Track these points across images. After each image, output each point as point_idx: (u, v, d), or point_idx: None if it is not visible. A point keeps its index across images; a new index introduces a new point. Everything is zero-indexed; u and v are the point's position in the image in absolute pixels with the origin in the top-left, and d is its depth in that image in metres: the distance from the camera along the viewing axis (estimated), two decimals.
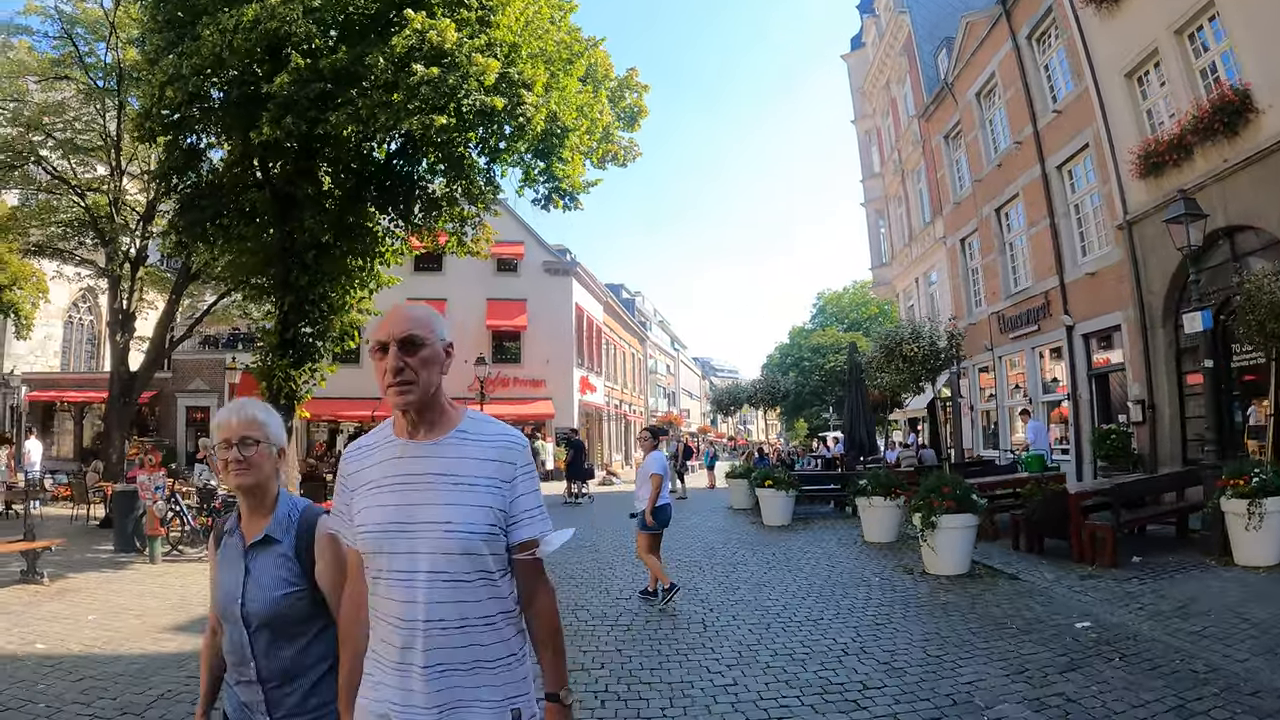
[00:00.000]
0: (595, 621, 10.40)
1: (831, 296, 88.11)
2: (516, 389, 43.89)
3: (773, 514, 20.54)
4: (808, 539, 17.78)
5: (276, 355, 20.01)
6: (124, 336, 27.99)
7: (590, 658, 8.71)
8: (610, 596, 12.07)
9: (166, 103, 17.01)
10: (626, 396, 64.17)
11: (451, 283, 44.86)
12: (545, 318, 44.87)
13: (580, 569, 14.65)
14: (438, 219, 21.29)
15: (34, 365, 52.41)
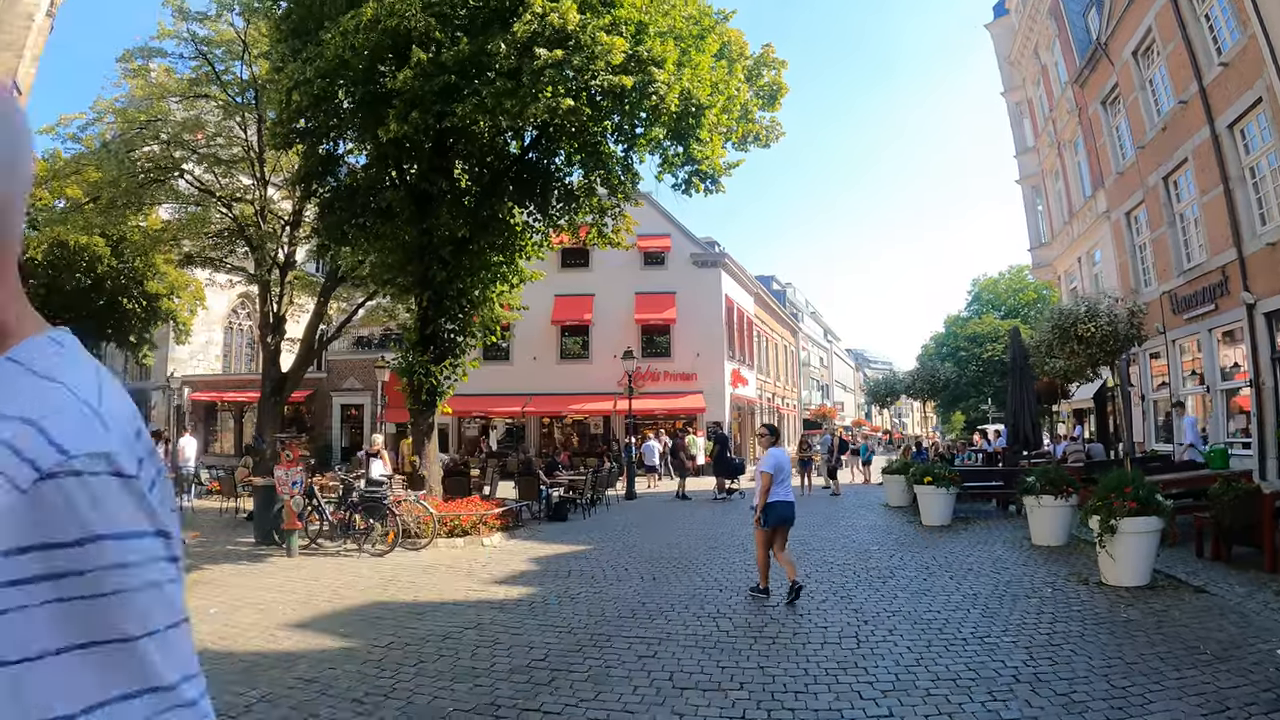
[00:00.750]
0: (738, 632, 9.58)
1: (987, 283, 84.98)
2: (666, 383, 43.24)
3: (932, 513, 19.28)
4: (970, 541, 16.55)
5: (417, 352, 19.98)
6: (274, 339, 28.61)
7: (728, 675, 7.94)
8: (756, 603, 11.19)
9: (294, 107, 17.17)
10: (779, 390, 62.99)
11: (599, 278, 44.72)
12: (695, 311, 43.95)
13: (725, 572, 13.77)
14: (577, 211, 20.94)
15: (196, 369, 54.77)
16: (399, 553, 16.06)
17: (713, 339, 44.15)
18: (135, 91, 27.47)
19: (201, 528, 20.66)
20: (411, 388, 20.05)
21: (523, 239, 21.49)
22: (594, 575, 13.57)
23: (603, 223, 21.59)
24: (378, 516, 16.71)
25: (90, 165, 27.74)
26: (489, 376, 41.09)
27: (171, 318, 42.89)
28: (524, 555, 16.00)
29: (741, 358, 49.10)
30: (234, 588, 12.97)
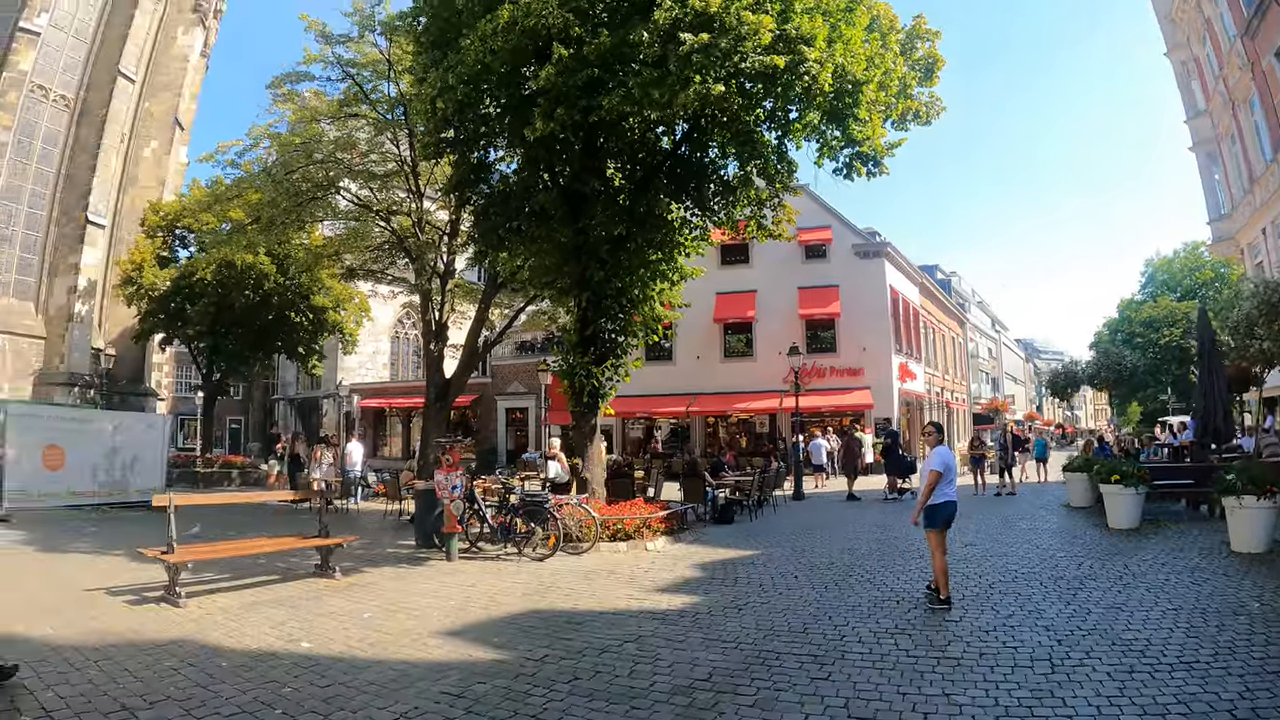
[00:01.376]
0: (919, 651, 8.76)
1: (1161, 263, 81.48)
2: (833, 379, 42.33)
3: (1119, 514, 17.82)
4: (1163, 546, 15.19)
5: (577, 354, 19.86)
6: (437, 346, 28.95)
7: (910, 703, 7.16)
8: (938, 615, 10.43)
9: (440, 115, 17.34)
10: (948, 383, 61.04)
11: (760, 274, 44.23)
12: (859, 303, 42.79)
13: (902, 579, 13.02)
14: (735, 204, 20.36)
15: (364, 377, 57.09)
16: (560, 557, 15.79)
17: (878, 332, 42.94)
18: (290, 116, 28.29)
19: (364, 530, 20.97)
20: (573, 390, 19.85)
21: (681, 235, 21.03)
22: (762, 583, 12.93)
23: (761, 215, 20.89)
24: (539, 520, 16.49)
25: (250, 188, 28.58)
26: (652, 377, 41.28)
27: (338, 329, 44.20)
28: (688, 560, 15.48)
29: (908, 350, 47.71)
30: (391, 592, 12.99)
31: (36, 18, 46.91)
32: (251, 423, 75.00)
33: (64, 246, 49.49)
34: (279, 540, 15.82)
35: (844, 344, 43.08)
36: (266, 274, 39.45)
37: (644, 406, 44.41)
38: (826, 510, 24.47)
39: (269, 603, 12.05)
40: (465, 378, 29.80)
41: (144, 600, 12.03)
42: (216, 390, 47.39)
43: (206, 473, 40.47)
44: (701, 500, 21.80)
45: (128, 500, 26.52)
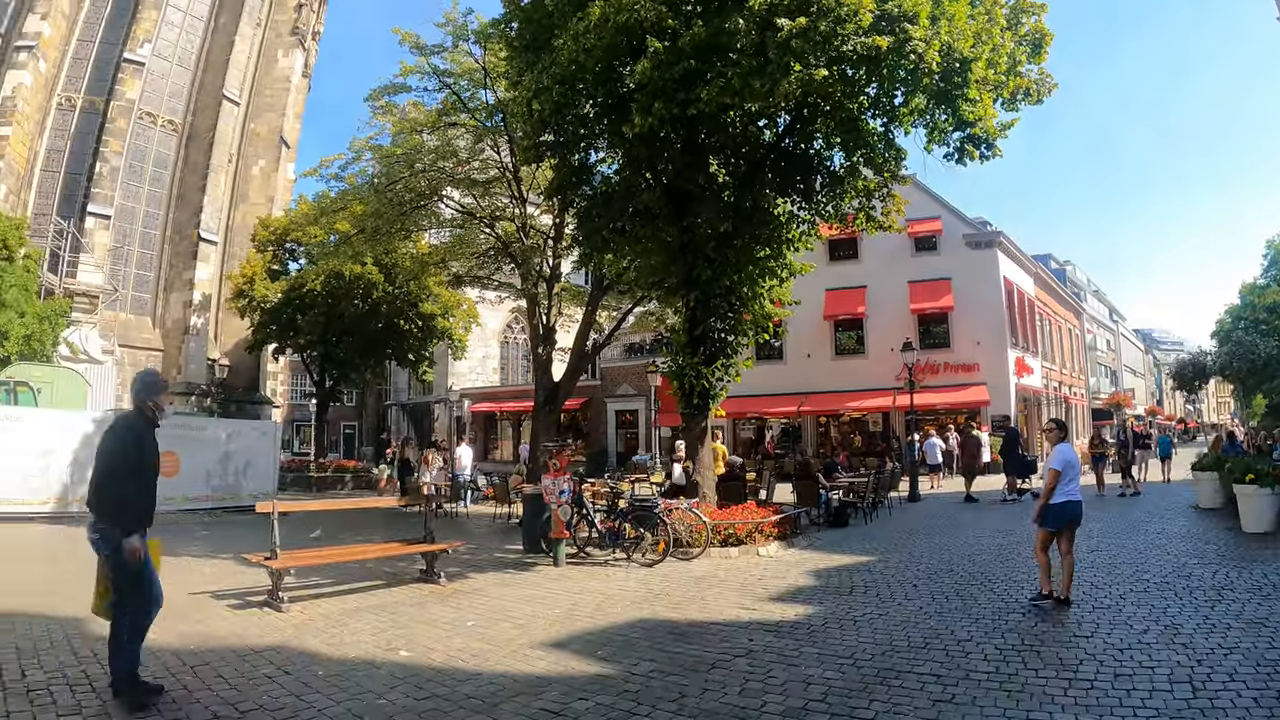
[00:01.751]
0: (1049, 671, 8.01)
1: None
2: (946, 375, 41.38)
3: (1254, 517, 16.72)
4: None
5: (686, 354, 19.49)
6: (545, 349, 28.96)
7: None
8: (1066, 630, 9.75)
9: (537, 117, 17.16)
10: (1066, 377, 59.08)
11: (869, 269, 43.65)
12: (972, 296, 41.66)
13: (1026, 588, 12.19)
14: (842, 196, 19.76)
15: (475, 382, 57.81)
16: (669, 563, 15.44)
17: (993, 325, 41.73)
18: (390, 128, 28.45)
19: (472, 535, 21.15)
20: (682, 391, 19.41)
21: (788, 230, 20.43)
22: (878, 592, 12.36)
23: (870, 206, 20.28)
24: (648, 526, 16.13)
25: (354, 200, 28.76)
26: (762, 376, 40.62)
27: (447, 336, 44.65)
28: (801, 567, 14.95)
29: (1024, 344, 46.21)
30: (495, 598, 12.78)
31: (139, 48, 50.33)
32: (365, 428, 76.72)
33: (178, 263, 52.70)
34: (383, 546, 15.77)
35: (958, 339, 42.05)
36: (374, 283, 39.90)
37: (755, 407, 44.09)
38: (943, 513, 23.76)
39: (371, 609, 11.98)
40: (574, 381, 29.67)
41: (247, 605, 12.08)
42: (329, 397, 48.24)
43: (320, 477, 41.22)
44: (815, 503, 21.20)
45: (240, 504, 27.19)
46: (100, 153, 48.79)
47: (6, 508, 23.43)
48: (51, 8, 48.37)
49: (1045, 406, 50.22)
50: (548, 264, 28.88)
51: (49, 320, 33.57)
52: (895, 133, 18.14)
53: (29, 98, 47.23)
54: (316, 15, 66.00)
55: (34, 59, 47.28)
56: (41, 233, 44.13)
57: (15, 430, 24.55)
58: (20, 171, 46.77)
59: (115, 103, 49.55)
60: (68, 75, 50.63)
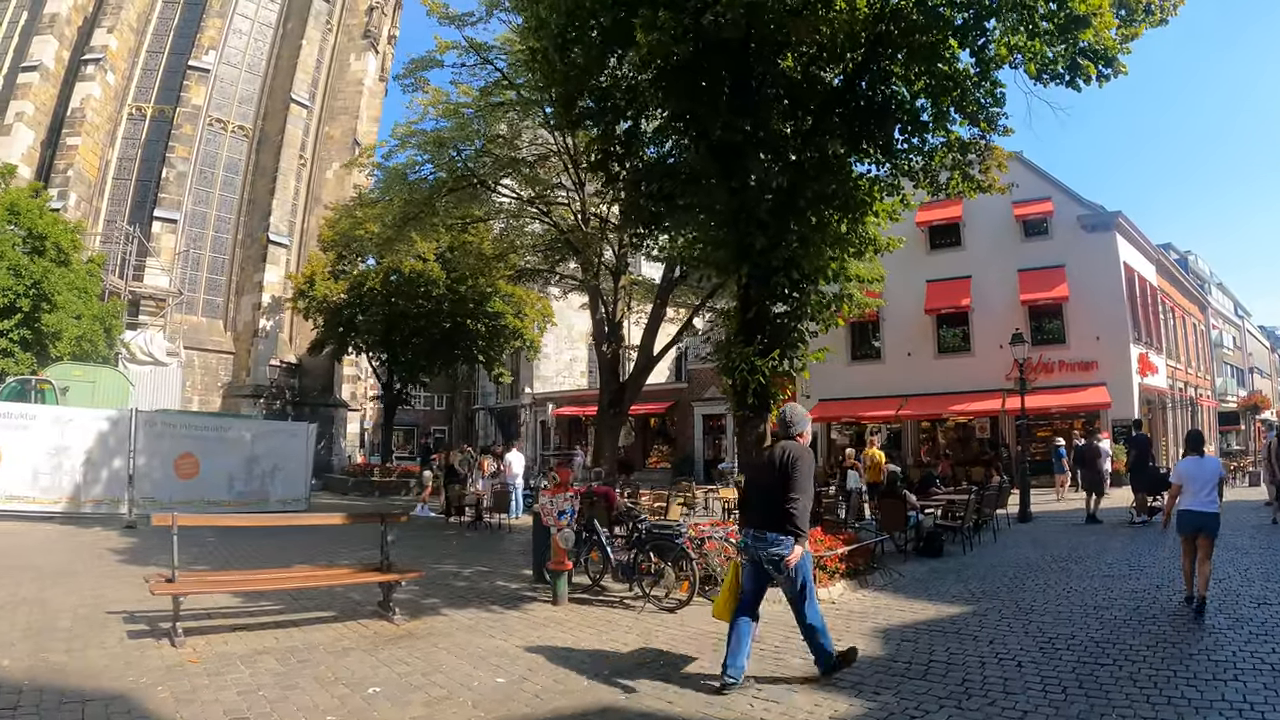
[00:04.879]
0: None
1: None
2: (1062, 374, 37.31)
3: None
4: None
5: (738, 343, 15.69)
6: (610, 347, 27.57)
7: None
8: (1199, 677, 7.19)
9: (542, 60, 15.28)
10: (1192, 377, 53.90)
11: (974, 257, 39.94)
12: (1088, 285, 37.35)
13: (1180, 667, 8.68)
14: (932, 155, 15.97)
15: (562, 385, 57.92)
16: (698, 607, 11.98)
17: (1113, 318, 37.30)
18: (435, 111, 26.33)
19: (497, 552, 18.90)
20: (734, 389, 15.62)
21: (870, 193, 16.48)
22: (965, 676, 8.60)
23: (966, 163, 16.36)
24: (669, 558, 12.69)
25: (396, 188, 27.12)
26: (859, 376, 39.97)
27: (519, 336, 42.81)
28: (868, 621, 11.37)
29: (1148, 340, 41.44)
30: (444, 650, 9.98)
31: (204, 56, 53.01)
32: (455, 431, 75.59)
33: (249, 266, 53.85)
34: (330, 571, 13.45)
35: (1074, 333, 37.91)
36: (435, 280, 38.11)
37: (850, 410, 40.77)
38: (1060, 538, 19.83)
39: (282, 652, 9.71)
40: (642, 380, 27.84)
41: (150, 633, 10.23)
42: (396, 400, 46.21)
43: (383, 482, 39.91)
44: (902, 526, 17.53)
45: (267, 510, 25.65)
46: (166, 159, 50.80)
47: (16, 505, 23.18)
48: (118, 21, 50.70)
49: (1171, 409, 45.92)
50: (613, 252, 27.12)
51: (102, 321, 34.47)
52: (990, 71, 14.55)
53: (98, 109, 49.45)
54: (391, 19, 67.44)
55: (101, 71, 49.49)
56: (113, 239, 46.79)
57: (29, 429, 24.08)
58: (91, 179, 49.14)
59: (180, 109, 51.48)
60: (138, 86, 53.32)
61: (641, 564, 12.95)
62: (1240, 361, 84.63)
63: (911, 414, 39.31)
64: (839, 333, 38.88)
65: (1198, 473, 11.42)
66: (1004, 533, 20.74)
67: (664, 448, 52.46)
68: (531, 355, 47.76)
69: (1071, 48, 13.63)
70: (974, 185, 16.63)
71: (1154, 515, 21.27)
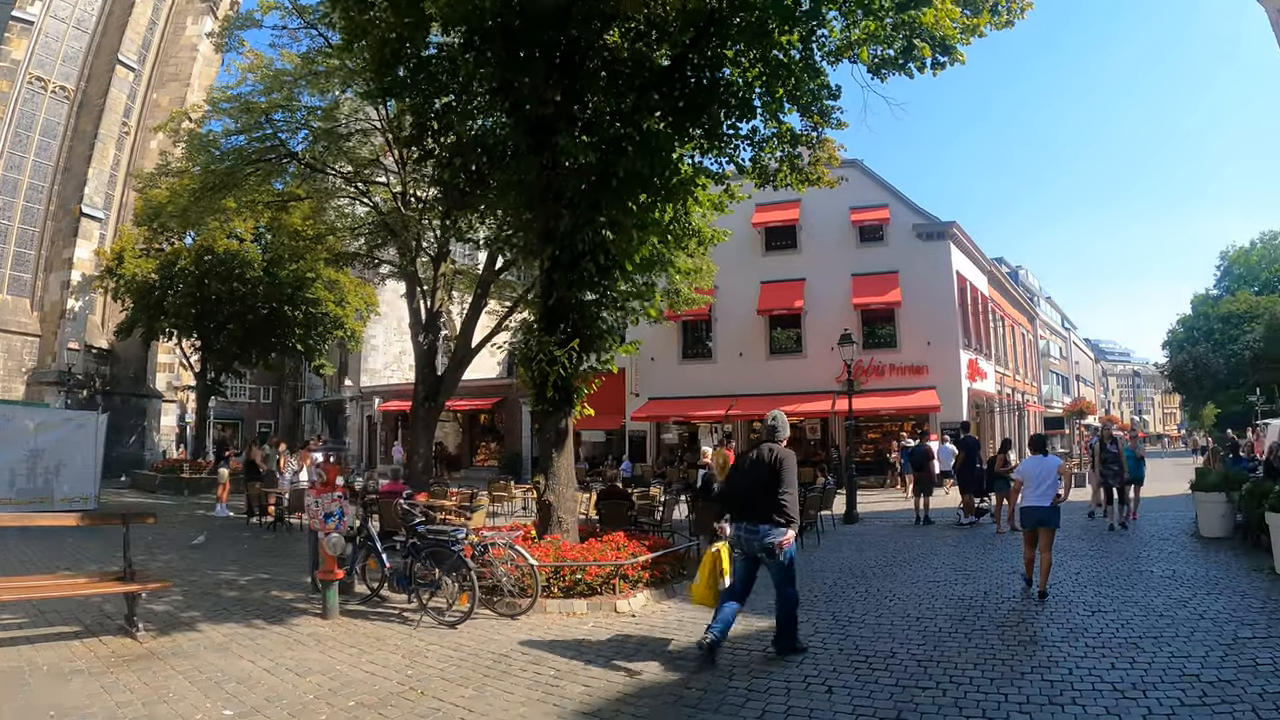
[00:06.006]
0: None
1: (1237, 254, 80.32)
2: (892, 378, 37.66)
3: None
4: None
5: (539, 332, 14.46)
6: (427, 338, 26.29)
7: None
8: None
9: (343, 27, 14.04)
10: (1020, 383, 55.84)
11: (809, 260, 40.02)
12: (921, 292, 37.80)
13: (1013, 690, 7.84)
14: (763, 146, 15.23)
15: (391, 379, 56.20)
16: (478, 623, 10.89)
17: (944, 325, 37.94)
18: (244, 70, 25.12)
19: (286, 557, 17.48)
20: (534, 380, 14.31)
21: (693, 180, 15.49)
22: (766, 707, 7.51)
23: (795, 155, 15.68)
24: (447, 567, 11.33)
25: (201, 155, 25.38)
26: (691, 375, 39.78)
27: (340, 326, 40.52)
28: (667, 639, 10.24)
29: (978, 346, 42.57)
30: (183, 674, 8.62)
31: (30, 6, 47.34)
32: (281, 426, 73.05)
33: (60, 240, 49.32)
34: (37, 582, 11.81)
35: (906, 338, 38.31)
36: (250, 261, 35.90)
37: (680, 410, 40.25)
38: (886, 540, 19.27)
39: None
40: (459, 373, 26.56)
41: None
42: (209, 391, 43.20)
43: (194, 479, 36.38)
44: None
45: (52, 509, 23.00)
46: None
47: None
48: None
49: (999, 413, 47.23)
50: (434, 239, 25.97)
51: None
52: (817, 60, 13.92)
53: None
54: None
55: None
56: None
57: None
58: None
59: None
60: None
61: (421, 573, 11.62)
62: (1066, 370, 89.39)
63: (741, 414, 38.66)
64: (670, 331, 38.79)
65: (1037, 470, 12.34)
66: (829, 535, 20.04)
67: (492, 445, 51.38)
68: (353, 346, 45.74)
69: (909, 32, 12.99)
70: (802, 178, 16.01)
71: (982, 516, 21.38)
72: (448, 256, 27.21)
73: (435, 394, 25.44)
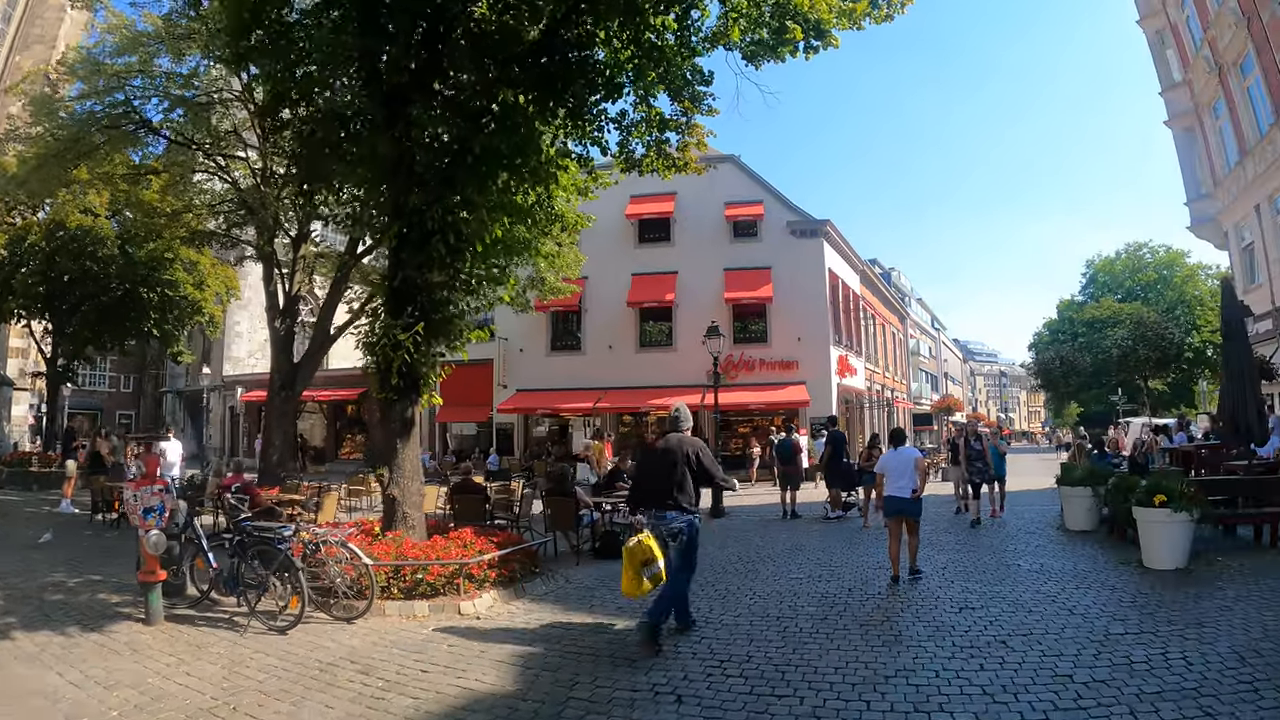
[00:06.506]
0: None
1: (1103, 263, 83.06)
2: (763, 373, 37.65)
3: (1163, 550, 12.55)
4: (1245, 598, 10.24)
5: (384, 315, 13.68)
6: (283, 323, 24.97)
7: None
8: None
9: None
10: (889, 381, 56.78)
11: (682, 254, 39.75)
12: (794, 288, 37.93)
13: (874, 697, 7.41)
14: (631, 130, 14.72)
15: (256, 367, 53.70)
16: (311, 628, 10.10)
17: (816, 320, 38.16)
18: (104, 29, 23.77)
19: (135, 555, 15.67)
20: (378, 367, 13.36)
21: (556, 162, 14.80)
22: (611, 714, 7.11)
23: (664, 140, 15.02)
24: (275, 568, 10.45)
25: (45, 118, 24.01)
26: (559, 367, 39.11)
27: (199, 310, 38.51)
28: (512, 641, 9.62)
29: (848, 343, 42.94)
30: None
31: None
32: (143, 416, 70.33)
33: None
34: None
35: (777, 334, 38.36)
36: (104, 238, 33.83)
37: (548, 402, 39.51)
38: (751, 535, 18.77)
39: None
40: (316, 361, 25.49)
41: None
42: (60, 378, 40.71)
43: (43, 473, 34.06)
44: (573, 526, 15.88)
45: None
46: None
47: None
48: None
49: (869, 409, 47.84)
50: (297, 219, 24.84)
51: None
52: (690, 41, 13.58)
53: None
54: None
55: None
56: None
57: None
58: None
59: None
60: None
61: (248, 574, 10.71)
62: (935, 369, 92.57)
63: (610, 407, 38.47)
64: (539, 322, 38.35)
65: (896, 463, 12.83)
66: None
67: (358, 437, 49.92)
68: (211, 332, 43.61)
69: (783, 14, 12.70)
70: (670, 163, 15.45)
71: (849, 510, 21.38)
72: (309, 238, 26.19)
73: (292, 382, 24.38)
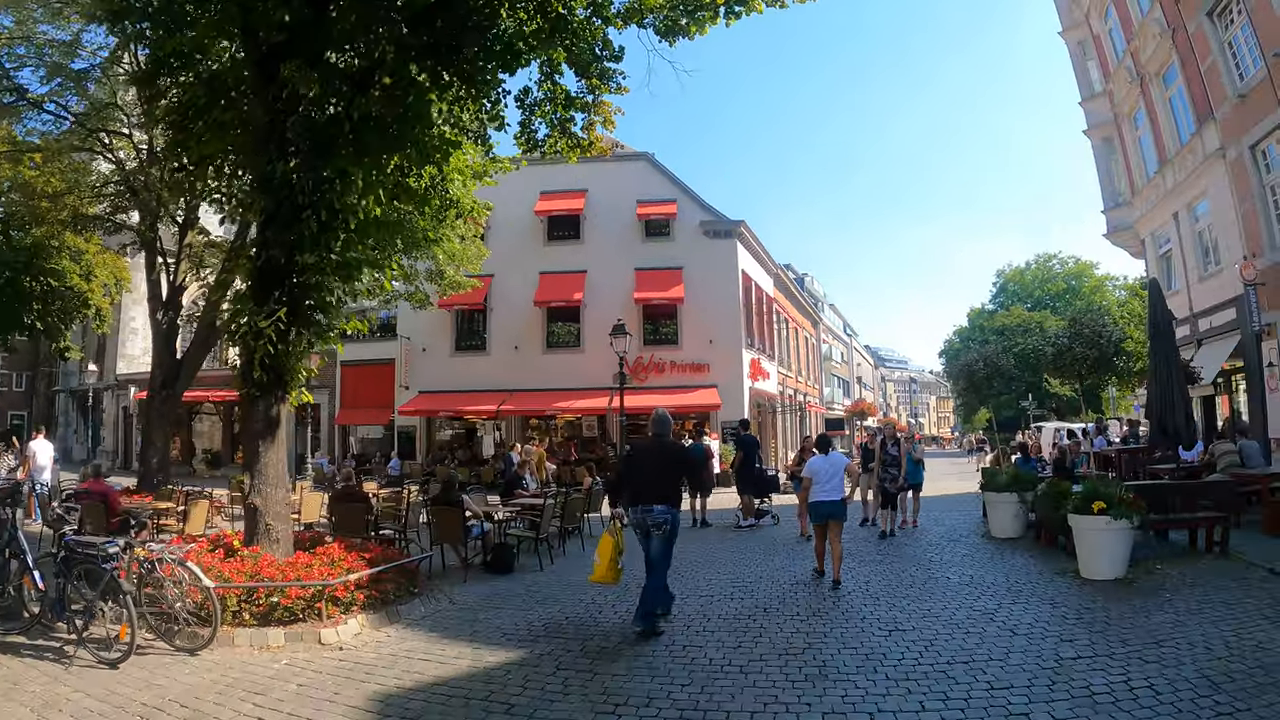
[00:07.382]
0: None
1: (1013, 273, 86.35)
2: (673, 375, 36.87)
3: (1102, 560, 11.90)
4: (1190, 609, 9.64)
5: (246, 301, 12.13)
6: (166, 316, 23.57)
7: None
8: None
9: None
10: (802, 385, 56.47)
11: (592, 252, 38.75)
12: (706, 290, 37.25)
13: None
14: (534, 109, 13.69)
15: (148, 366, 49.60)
16: (150, 659, 8.73)
17: (728, 323, 37.58)
18: None
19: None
20: (241, 360, 12.00)
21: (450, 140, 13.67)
22: None
23: (569, 119, 13.96)
24: (102, 591, 8.92)
25: None
26: (463, 368, 37.89)
27: (84, 303, 36.45)
28: (374, 679, 8.17)
29: (761, 346, 42.49)
30: None
31: None
32: (35, 416, 67.54)
33: None
34: None
35: (688, 336, 37.64)
36: None
37: (452, 404, 38.28)
38: None
39: None
40: (200, 358, 24.33)
41: None
42: None
43: None
44: (458, 538, 14.51)
45: None
46: None
47: None
48: None
49: (781, 414, 47.28)
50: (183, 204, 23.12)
51: None
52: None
53: None
54: None
55: None
56: None
57: None
58: None
59: None
60: None
61: (74, 597, 9.19)
62: (847, 374, 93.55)
63: (515, 409, 37.28)
64: (442, 320, 37.61)
65: (825, 467, 12.98)
66: (594, 541, 18.19)
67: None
68: (97, 326, 41.39)
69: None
70: (574, 144, 14.37)
71: (762, 518, 20.55)
72: (196, 225, 24.68)
73: (174, 380, 22.85)
